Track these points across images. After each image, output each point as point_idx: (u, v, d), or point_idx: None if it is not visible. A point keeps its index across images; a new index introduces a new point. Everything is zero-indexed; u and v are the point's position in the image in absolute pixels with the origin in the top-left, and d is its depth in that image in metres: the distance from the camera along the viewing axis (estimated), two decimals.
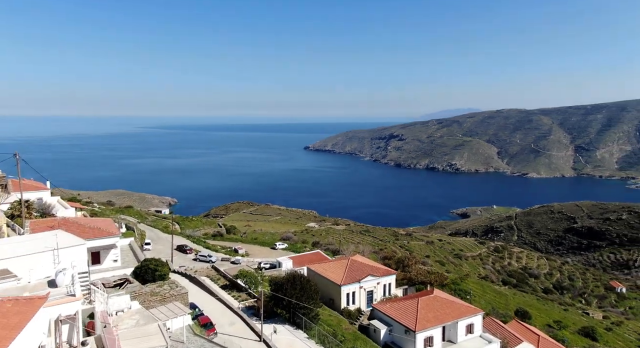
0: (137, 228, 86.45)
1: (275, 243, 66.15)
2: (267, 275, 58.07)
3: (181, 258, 74.52)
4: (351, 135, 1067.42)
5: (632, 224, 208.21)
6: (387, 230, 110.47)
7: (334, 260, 48.05)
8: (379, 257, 43.75)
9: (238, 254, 66.61)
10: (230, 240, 75.32)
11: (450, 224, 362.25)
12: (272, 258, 61.26)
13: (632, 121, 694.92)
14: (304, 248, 61.08)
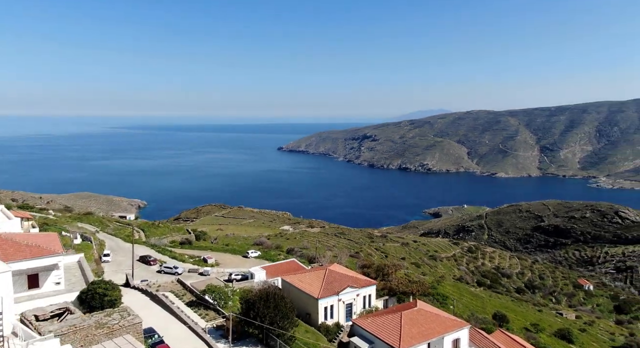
0: (95, 238, 79.77)
1: (247, 251, 60.46)
2: (239, 287, 54.47)
3: (144, 270, 69.02)
4: (325, 136, 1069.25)
5: (595, 222, 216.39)
6: (362, 232, 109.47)
7: (310, 270, 44.20)
8: (357, 265, 41.13)
9: (207, 264, 61.45)
10: (200, 248, 68.89)
11: (422, 224, 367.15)
12: (244, 268, 56.69)
13: (592, 123, 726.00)
14: (278, 256, 56.98)
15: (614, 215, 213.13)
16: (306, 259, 52.21)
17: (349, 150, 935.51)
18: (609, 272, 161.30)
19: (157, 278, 63.37)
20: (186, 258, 67.51)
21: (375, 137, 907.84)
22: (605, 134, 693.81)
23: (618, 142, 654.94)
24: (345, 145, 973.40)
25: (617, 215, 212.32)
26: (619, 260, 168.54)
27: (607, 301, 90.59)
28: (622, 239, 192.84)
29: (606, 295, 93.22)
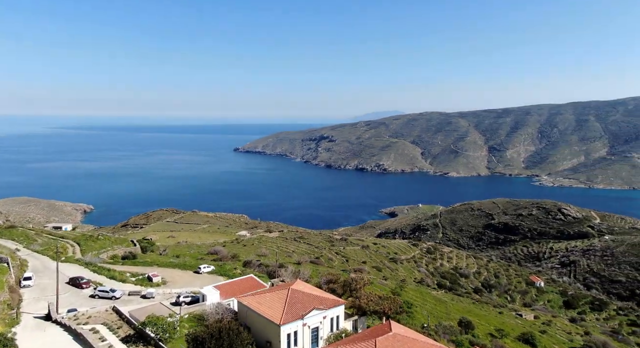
0: (15, 257, 67.42)
1: (199, 266, 52.59)
2: (188, 312, 47.27)
3: (74, 295, 57.15)
4: (282, 137, 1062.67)
5: (540, 219, 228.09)
6: (322, 235, 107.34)
7: (270, 289, 38.56)
8: (322, 280, 37.37)
9: (152, 284, 52.35)
10: (145, 264, 59.36)
11: (379, 223, 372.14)
12: (195, 286, 49.65)
13: (534, 124, 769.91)
14: (234, 271, 50.61)
15: (557, 212, 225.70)
16: (266, 273, 46.73)
17: (307, 151, 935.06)
18: (555, 266, 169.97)
19: (90, 305, 53.27)
20: (128, 277, 58.40)
21: (332, 137, 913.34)
22: (546, 135, 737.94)
23: (557, 143, 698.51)
24: (303, 146, 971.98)
25: (560, 212, 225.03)
26: (562, 255, 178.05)
27: (557, 297, 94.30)
28: (565, 235, 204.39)
29: (556, 291, 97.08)
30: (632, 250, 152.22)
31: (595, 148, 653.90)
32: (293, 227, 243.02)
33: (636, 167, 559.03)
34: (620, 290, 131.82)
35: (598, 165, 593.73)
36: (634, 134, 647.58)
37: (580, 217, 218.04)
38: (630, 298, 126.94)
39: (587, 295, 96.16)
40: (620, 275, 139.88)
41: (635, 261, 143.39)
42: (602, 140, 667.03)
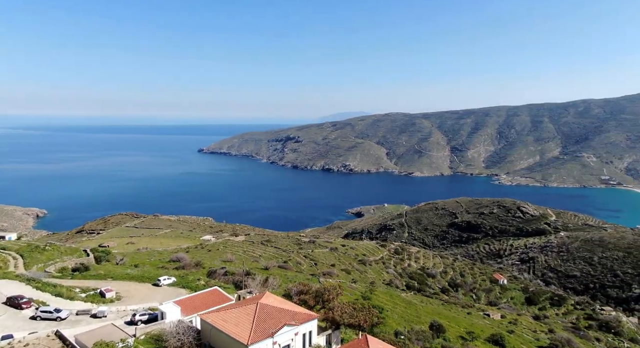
0: None
1: (159, 278, 47.10)
2: (145, 333, 41.33)
3: (12, 317, 48.88)
4: (247, 137, 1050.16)
5: (501, 217, 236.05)
6: (290, 238, 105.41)
7: (237, 304, 34.54)
8: (293, 291, 35.04)
9: (105, 300, 45.68)
10: (98, 277, 51.98)
11: (346, 224, 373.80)
12: (153, 301, 43.30)
13: (493, 125, 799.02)
14: (197, 282, 45.73)
15: (516, 211, 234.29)
16: (232, 284, 43.16)
17: (273, 151, 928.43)
18: (515, 263, 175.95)
19: (30, 328, 45.82)
20: (77, 293, 50.67)
21: (299, 138, 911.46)
22: (504, 135, 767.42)
23: (515, 143, 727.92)
24: (269, 147, 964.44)
25: (519, 210, 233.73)
26: (522, 251, 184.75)
27: (520, 294, 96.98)
28: (524, 232, 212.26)
29: (518, 288, 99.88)
30: (586, 246, 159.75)
31: (549, 148, 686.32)
32: (260, 229, 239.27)
33: (586, 166, 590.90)
34: (576, 284, 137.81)
35: (552, 165, 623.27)
36: (584, 135, 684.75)
37: (537, 214, 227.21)
38: (585, 292, 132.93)
39: (547, 291, 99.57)
40: (575, 270, 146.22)
41: (589, 256, 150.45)
42: (556, 141, 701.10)
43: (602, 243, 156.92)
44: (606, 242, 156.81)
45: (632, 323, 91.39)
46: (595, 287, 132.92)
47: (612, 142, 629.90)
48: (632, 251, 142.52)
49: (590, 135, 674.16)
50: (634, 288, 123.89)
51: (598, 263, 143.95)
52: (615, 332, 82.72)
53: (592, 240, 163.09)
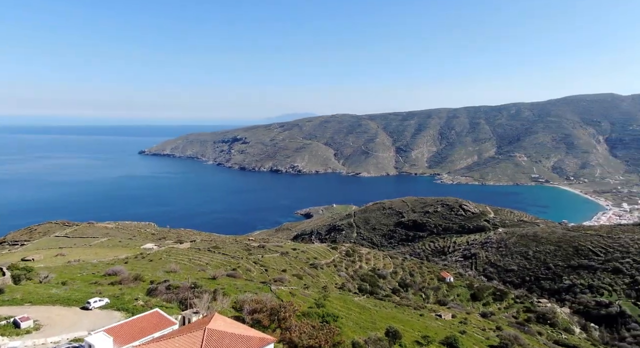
0: None
1: (88, 300, 38.75)
2: None
3: None
4: (192, 139, 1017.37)
5: (445, 215, 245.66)
6: (239, 243, 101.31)
7: (181, 330, 28.59)
8: (246, 310, 31.72)
9: (21, 331, 35.20)
10: (13, 303, 41.28)
11: (295, 225, 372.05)
12: (80, 330, 34.68)
13: (435, 127, 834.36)
14: (134, 303, 38.40)
15: (459, 209, 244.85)
16: (176, 302, 37.82)
17: (219, 153, 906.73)
18: (458, 260, 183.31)
19: None
20: None
21: (246, 139, 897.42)
22: (445, 136, 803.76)
23: (455, 144, 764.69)
24: (215, 148, 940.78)
25: (461, 208, 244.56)
26: (464, 248, 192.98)
27: (465, 290, 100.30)
28: (466, 229, 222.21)
29: (463, 285, 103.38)
30: (522, 241, 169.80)
31: (486, 148, 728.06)
32: (207, 234, 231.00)
33: (518, 165, 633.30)
34: (514, 278, 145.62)
35: (488, 164, 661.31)
36: (516, 136, 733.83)
37: (477, 212, 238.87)
38: (522, 285, 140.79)
39: (490, 287, 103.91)
40: (513, 264, 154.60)
41: (524, 251, 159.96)
42: (491, 141, 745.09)
43: (535, 238, 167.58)
44: (539, 236, 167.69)
45: (565, 314, 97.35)
46: (531, 280, 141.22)
47: (540, 142, 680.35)
48: (562, 245, 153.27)
49: (521, 136, 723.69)
50: (564, 280, 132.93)
51: (533, 257, 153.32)
52: (551, 323, 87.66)
53: (527, 235, 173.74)
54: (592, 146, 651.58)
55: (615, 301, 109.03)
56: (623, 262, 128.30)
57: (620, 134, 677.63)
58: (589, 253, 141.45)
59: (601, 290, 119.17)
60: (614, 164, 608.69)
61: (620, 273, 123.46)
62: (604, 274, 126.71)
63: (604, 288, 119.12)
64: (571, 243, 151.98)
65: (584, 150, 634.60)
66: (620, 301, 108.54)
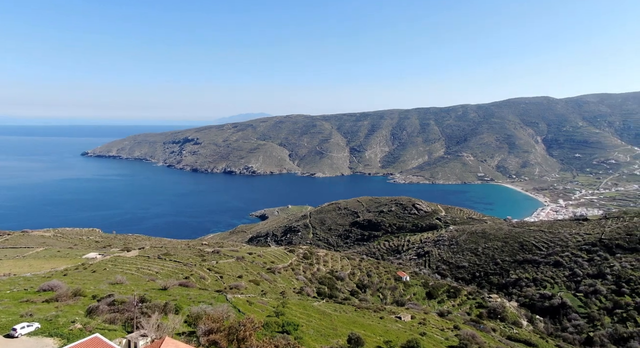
0: None
1: (14, 326, 30.82)
2: None
3: None
4: (140, 140, 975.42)
5: (398, 215, 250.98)
6: (191, 249, 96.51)
7: None
8: (200, 331, 28.48)
9: None
10: None
11: (250, 227, 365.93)
12: None
13: (387, 128, 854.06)
14: (70, 326, 31.88)
15: (412, 208, 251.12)
16: (121, 323, 32.44)
17: (170, 154, 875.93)
18: (412, 258, 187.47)
19: None
20: None
21: (198, 140, 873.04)
22: (397, 137, 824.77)
23: (406, 144, 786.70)
24: (165, 149, 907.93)
25: (414, 207, 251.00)
26: (418, 246, 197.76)
27: (421, 289, 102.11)
28: (419, 228, 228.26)
29: (419, 283, 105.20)
30: (471, 238, 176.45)
31: (436, 148, 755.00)
32: (157, 239, 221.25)
33: (466, 164, 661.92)
34: (465, 274, 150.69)
35: (438, 164, 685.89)
36: (463, 137, 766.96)
37: (430, 210, 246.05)
38: (472, 280, 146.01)
39: (444, 284, 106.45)
40: (464, 260, 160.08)
41: (474, 247, 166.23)
42: (440, 142, 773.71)
43: (484, 235, 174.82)
44: (488, 233, 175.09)
45: (513, 307, 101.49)
46: (481, 275, 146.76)
47: (485, 142, 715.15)
48: (509, 241, 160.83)
49: (468, 136, 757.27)
50: (511, 274, 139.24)
51: (482, 253, 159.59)
52: (501, 317, 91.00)
53: (476, 232, 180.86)
54: (531, 146, 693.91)
55: (557, 293, 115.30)
56: (563, 255, 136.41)
57: (556, 134, 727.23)
58: (533, 248, 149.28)
59: (544, 283, 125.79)
60: (551, 163, 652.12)
61: (561, 266, 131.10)
62: (547, 268, 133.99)
63: (547, 281, 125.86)
64: (517, 239, 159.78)
65: (525, 150, 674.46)
66: (562, 293, 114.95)
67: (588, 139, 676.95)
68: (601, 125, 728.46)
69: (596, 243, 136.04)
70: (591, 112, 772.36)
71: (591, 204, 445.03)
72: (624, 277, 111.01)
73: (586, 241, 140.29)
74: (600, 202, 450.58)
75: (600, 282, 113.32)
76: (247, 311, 47.42)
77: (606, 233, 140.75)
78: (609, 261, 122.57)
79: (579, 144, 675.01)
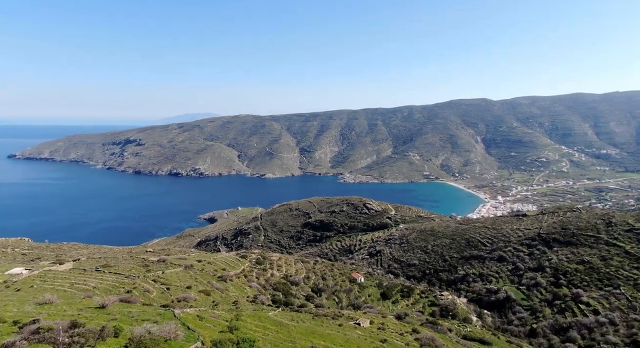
0: None
1: None
2: None
3: None
4: (77, 140, 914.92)
5: (350, 214, 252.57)
6: (135, 259, 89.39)
7: None
8: None
9: None
10: None
11: (199, 231, 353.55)
12: None
13: (337, 128, 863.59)
14: None
15: (363, 207, 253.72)
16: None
17: (110, 156, 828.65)
18: (364, 257, 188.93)
19: None
20: None
21: (141, 141, 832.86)
22: (346, 137, 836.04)
23: (355, 144, 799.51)
24: (105, 151, 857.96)
25: (365, 206, 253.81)
26: (370, 246, 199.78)
27: (375, 290, 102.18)
28: (370, 227, 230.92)
29: (373, 284, 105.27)
30: (421, 236, 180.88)
31: (384, 148, 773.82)
32: (96, 247, 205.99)
33: (412, 164, 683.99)
34: (416, 272, 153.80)
35: (386, 163, 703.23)
36: (409, 137, 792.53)
37: (380, 210, 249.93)
38: (423, 278, 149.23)
39: (398, 284, 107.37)
40: (414, 258, 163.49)
41: (424, 245, 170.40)
42: (388, 142, 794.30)
43: (433, 232, 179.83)
44: (436, 231, 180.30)
45: (463, 303, 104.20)
46: (431, 273, 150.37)
47: (429, 142, 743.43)
48: (456, 237, 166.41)
49: (414, 136, 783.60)
50: (459, 270, 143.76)
51: (431, 250, 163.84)
52: (453, 314, 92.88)
53: (425, 230, 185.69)
54: (472, 145, 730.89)
55: (502, 287, 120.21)
56: (506, 250, 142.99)
57: (493, 134, 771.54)
58: (478, 244, 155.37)
59: (490, 277, 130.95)
60: (490, 161, 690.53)
61: (505, 261, 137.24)
62: (491, 263, 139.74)
63: (492, 276, 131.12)
64: (463, 235, 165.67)
65: (466, 150, 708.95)
66: (506, 287, 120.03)
67: (522, 139, 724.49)
68: (533, 125, 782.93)
69: (535, 238, 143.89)
70: (524, 114, 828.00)
71: (526, 200, 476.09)
72: (561, 270, 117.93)
73: (526, 236, 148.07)
74: (534, 198, 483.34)
75: (540, 275, 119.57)
76: (197, 327, 43.73)
77: (544, 228, 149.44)
78: (547, 254, 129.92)
79: (514, 143, 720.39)
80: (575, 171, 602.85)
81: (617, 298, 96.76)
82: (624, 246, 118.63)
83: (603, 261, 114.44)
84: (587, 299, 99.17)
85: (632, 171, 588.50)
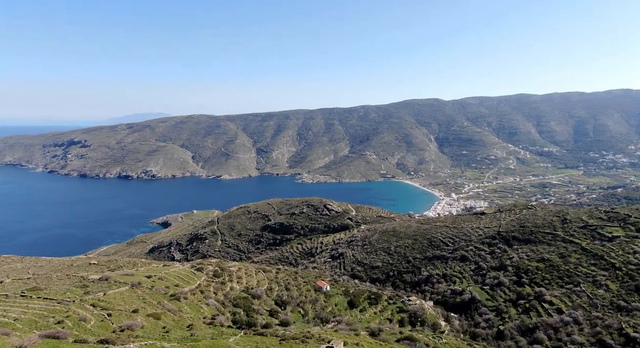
0: None
1: None
2: None
3: None
4: (13, 142, 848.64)
5: (310, 216, 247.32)
6: (72, 277, 78.60)
7: None
8: None
9: None
10: None
11: (151, 236, 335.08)
12: None
13: (293, 128, 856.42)
14: None
15: (323, 208, 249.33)
16: None
17: (51, 158, 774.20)
18: (327, 260, 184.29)
19: None
20: None
21: (86, 142, 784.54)
22: (303, 137, 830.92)
23: (313, 144, 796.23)
24: (45, 153, 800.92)
25: (326, 207, 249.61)
26: (332, 248, 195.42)
27: (342, 298, 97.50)
28: (331, 229, 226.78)
29: (340, 292, 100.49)
30: (383, 237, 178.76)
31: (341, 148, 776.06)
32: (33, 259, 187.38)
33: (369, 163, 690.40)
34: (379, 274, 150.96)
35: (343, 163, 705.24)
36: (365, 136, 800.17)
37: (341, 210, 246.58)
38: (387, 280, 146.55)
39: (365, 291, 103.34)
40: (378, 260, 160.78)
41: (387, 246, 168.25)
42: (345, 141, 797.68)
43: (395, 233, 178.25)
44: (398, 231, 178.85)
45: (431, 308, 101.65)
46: (394, 274, 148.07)
47: (385, 141, 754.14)
48: (418, 238, 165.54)
49: (370, 136, 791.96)
50: (423, 271, 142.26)
51: (394, 252, 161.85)
52: (421, 320, 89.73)
53: (387, 231, 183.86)
54: (426, 144, 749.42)
55: (466, 287, 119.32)
56: (468, 250, 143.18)
57: (446, 133, 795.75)
58: (440, 244, 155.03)
59: (454, 278, 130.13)
60: (443, 160, 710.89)
61: (467, 260, 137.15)
62: (454, 263, 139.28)
63: (456, 276, 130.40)
64: (425, 235, 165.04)
65: (420, 148, 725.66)
66: (470, 287, 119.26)
67: (472, 137, 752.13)
68: (482, 125, 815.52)
69: (495, 236, 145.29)
70: (473, 113, 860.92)
71: (478, 196, 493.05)
72: (523, 268, 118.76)
73: (487, 234, 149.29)
74: (485, 194, 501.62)
75: (503, 274, 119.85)
76: None
77: (503, 226, 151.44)
78: (508, 253, 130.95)
79: (465, 142, 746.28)
80: (521, 168, 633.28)
81: (579, 296, 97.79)
82: (580, 243, 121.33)
83: (562, 258, 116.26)
84: (550, 298, 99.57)
85: (571, 167, 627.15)
